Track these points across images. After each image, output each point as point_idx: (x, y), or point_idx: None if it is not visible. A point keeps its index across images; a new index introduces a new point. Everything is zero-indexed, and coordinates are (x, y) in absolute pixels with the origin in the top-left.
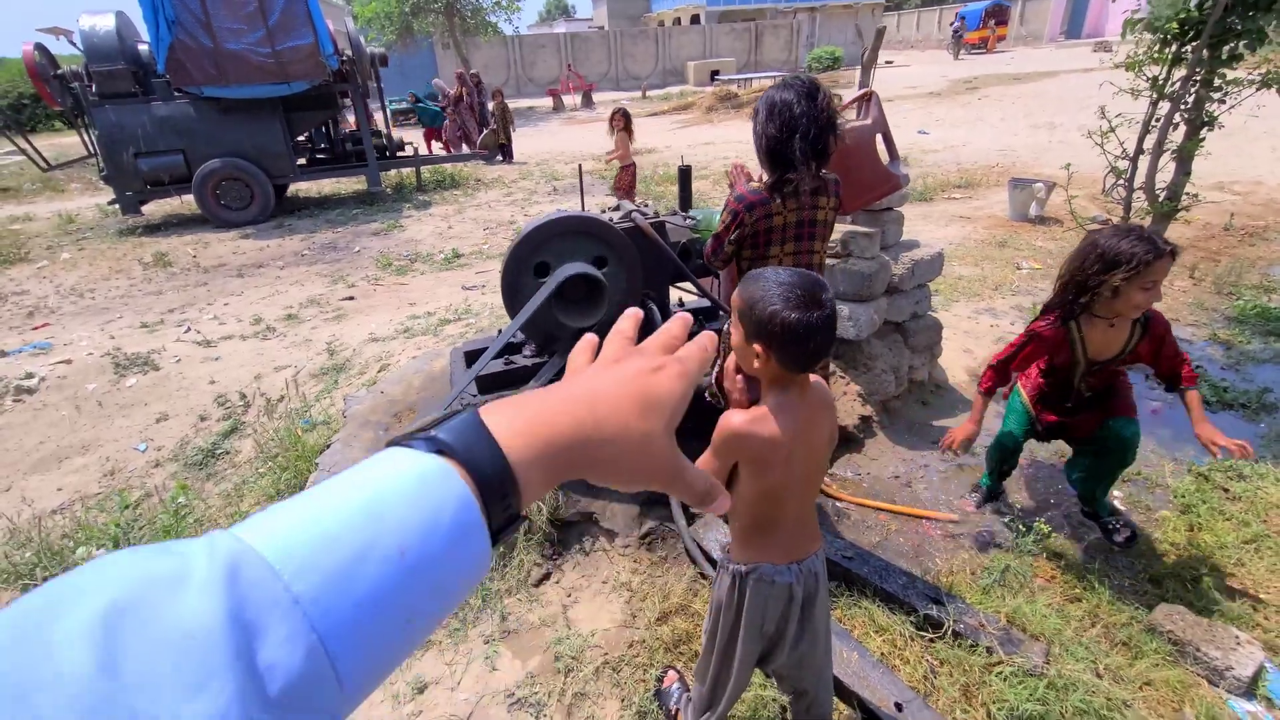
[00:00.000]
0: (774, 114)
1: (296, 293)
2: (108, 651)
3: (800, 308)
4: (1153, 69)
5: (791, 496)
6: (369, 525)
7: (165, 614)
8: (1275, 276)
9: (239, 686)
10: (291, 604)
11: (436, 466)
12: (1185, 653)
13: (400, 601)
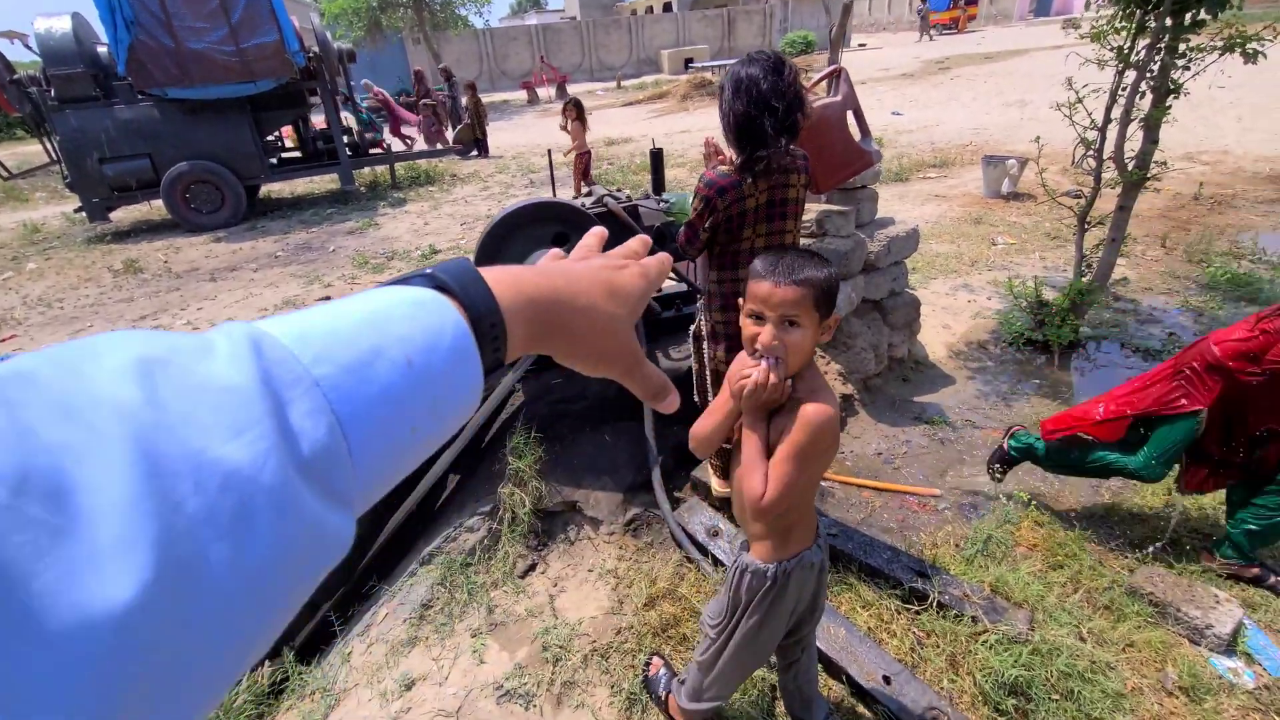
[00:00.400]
0: (740, 90)
1: (271, 295)
2: (150, 388)
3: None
4: (1117, 39)
5: None
6: (377, 332)
7: (198, 370)
8: (1243, 243)
9: (276, 438)
10: (313, 384)
11: (435, 296)
12: (1166, 614)
13: (407, 406)
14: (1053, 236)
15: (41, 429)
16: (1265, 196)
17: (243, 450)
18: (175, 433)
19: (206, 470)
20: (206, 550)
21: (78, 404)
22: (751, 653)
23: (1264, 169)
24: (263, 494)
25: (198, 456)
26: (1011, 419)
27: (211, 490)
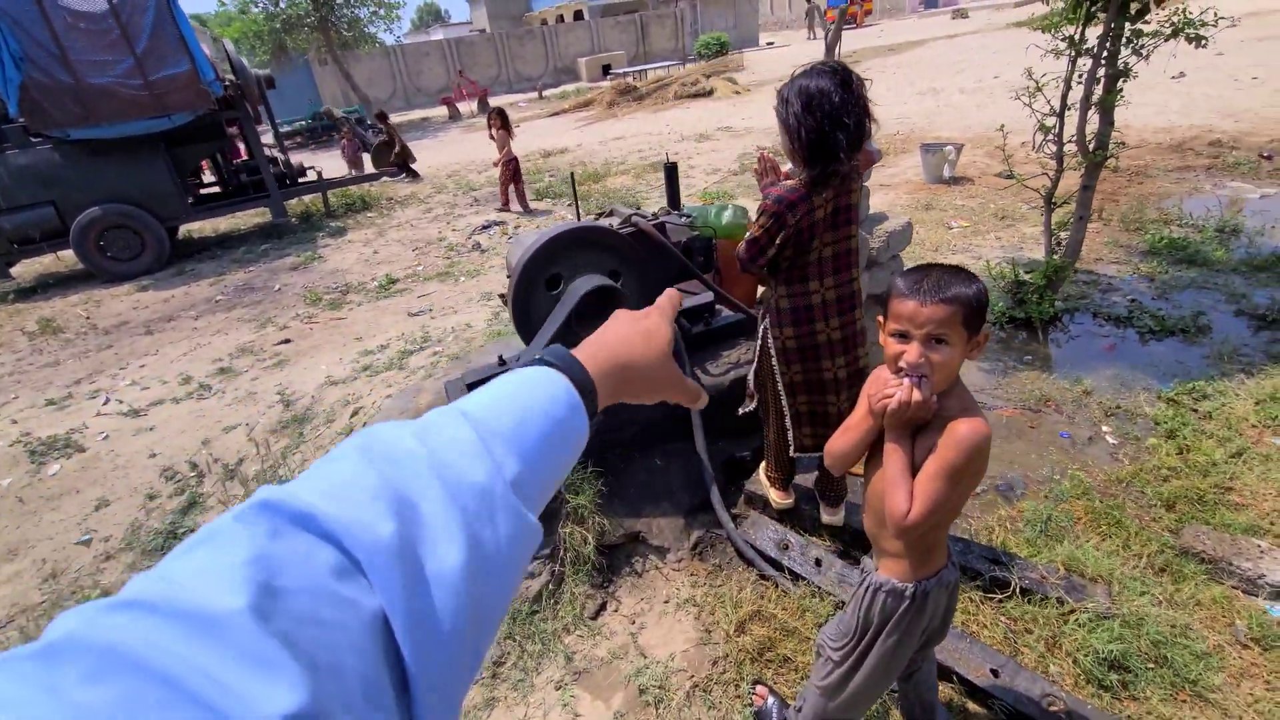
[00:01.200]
0: (812, 105)
1: (222, 343)
2: (428, 447)
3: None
4: (1069, 29)
5: None
6: (525, 398)
7: (442, 434)
8: (1169, 210)
9: (494, 468)
10: (500, 435)
11: (548, 370)
12: (1220, 568)
13: (552, 444)
14: (1001, 217)
15: (390, 471)
16: (1172, 164)
17: (483, 475)
18: (449, 468)
19: (471, 486)
20: (482, 533)
21: (400, 456)
22: (885, 673)
23: (1164, 139)
24: (499, 499)
25: (464, 478)
26: (1014, 395)
27: (476, 497)
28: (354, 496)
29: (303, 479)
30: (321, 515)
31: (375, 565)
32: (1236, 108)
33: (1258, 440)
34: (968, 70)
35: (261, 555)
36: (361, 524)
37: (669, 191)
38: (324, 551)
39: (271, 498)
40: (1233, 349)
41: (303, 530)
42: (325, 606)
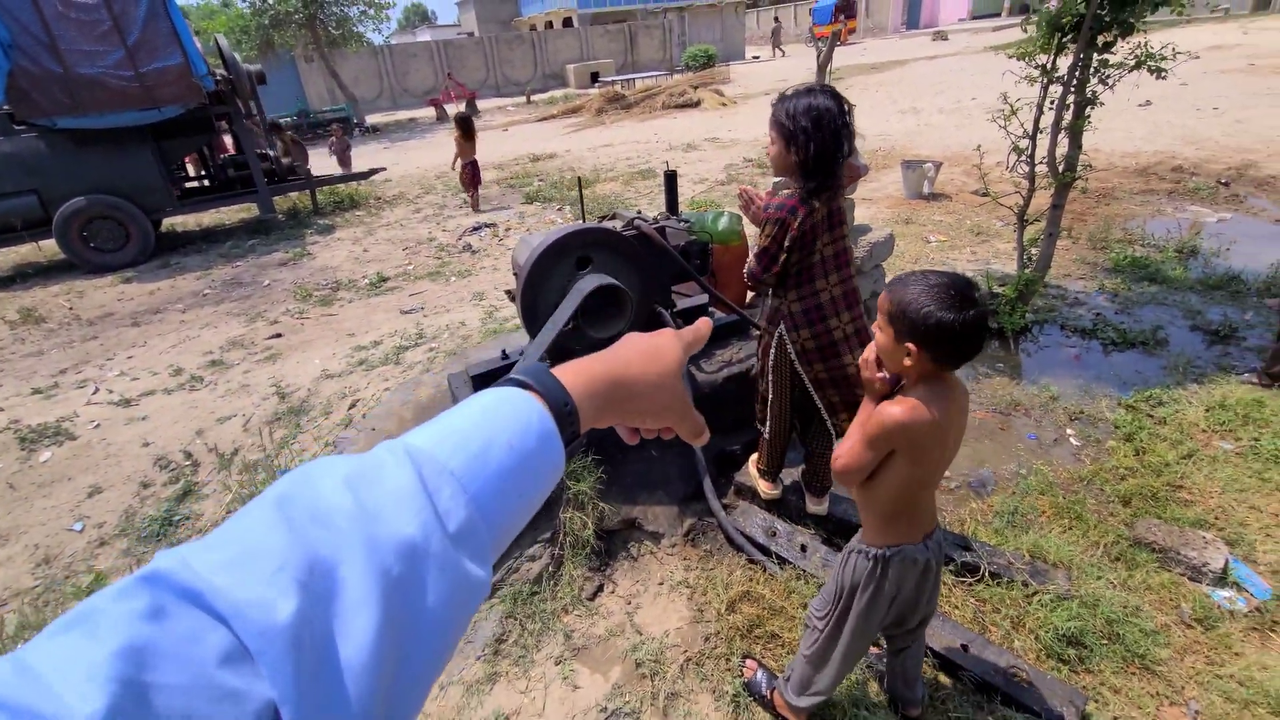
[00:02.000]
0: (821, 122)
1: (211, 336)
2: (356, 497)
3: (954, 308)
4: (1041, 58)
5: (933, 482)
6: (487, 428)
7: (379, 479)
8: (1133, 230)
9: (434, 519)
10: (450, 474)
11: (522, 394)
12: (1169, 557)
13: (515, 479)
14: (976, 233)
15: (308, 530)
16: (1136, 187)
17: (417, 529)
18: (378, 523)
19: (401, 545)
20: (405, 599)
21: (323, 511)
22: (860, 635)
23: (1130, 163)
24: (432, 558)
25: (394, 537)
26: (986, 399)
27: (403, 558)
28: (256, 567)
29: (209, 539)
30: (210, 592)
31: (266, 653)
32: (1198, 136)
33: (1206, 444)
34: (947, 91)
35: (134, 644)
36: (256, 603)
37: (668, 197)
38: (213, 634)
39: (159, 570)
40: (1187, 361)
41: (192, 607)
42: (203, 703)
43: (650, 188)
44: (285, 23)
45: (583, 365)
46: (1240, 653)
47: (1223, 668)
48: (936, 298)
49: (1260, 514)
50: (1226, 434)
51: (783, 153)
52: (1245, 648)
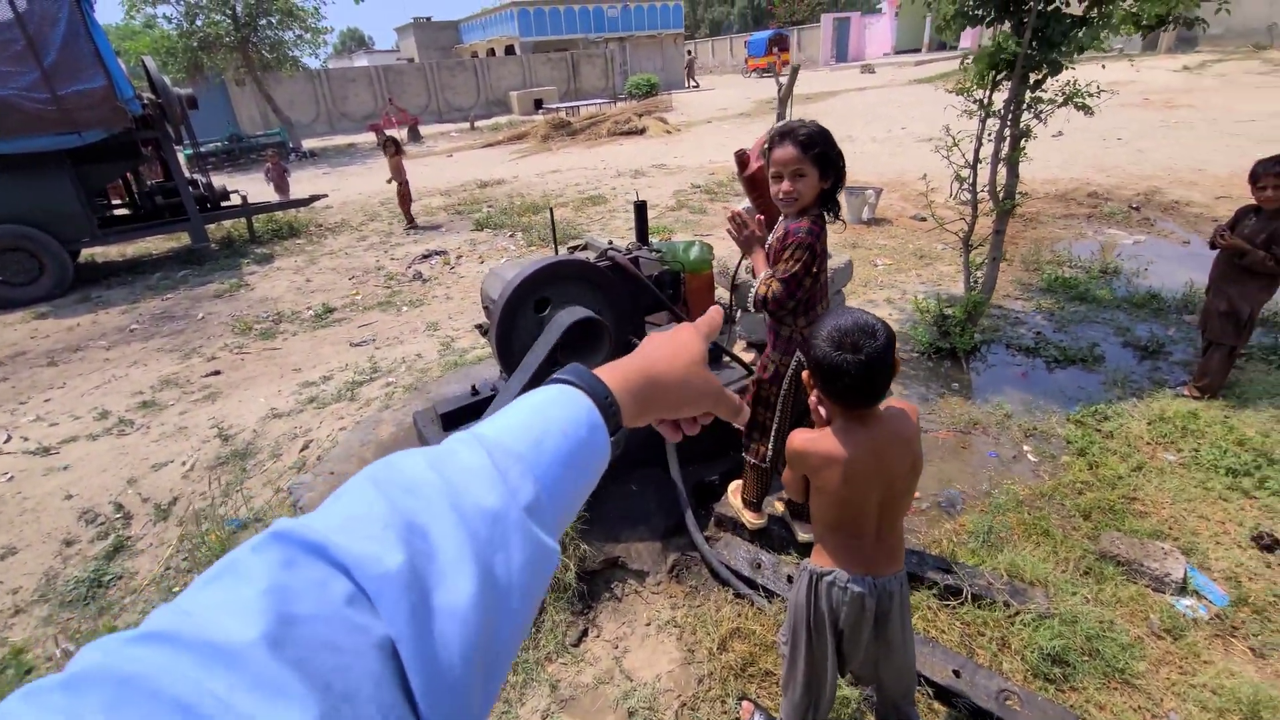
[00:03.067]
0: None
1: (140, 375)
2: (440, 474)
3: (839, 349)
4: (978, 93)
5: (866, 516)
6: (544, 419)
7: (457, 461)
8: (1061, 252)
9: (508, 493)
10: (518, 456)
11: (568, 389)
12: (1133, 570)
13: (571, 464)
14: (920, 256)
15: (402, 500)
16: (1059, 212)
17: (497, 501)
18: (462, 495)
19: (484, 513)
20: (493, 560)
21: (413, 484)
22: (812, 654)
23: (1050, 189)
24: (513, 524)
25: (478, 505)
26: (946, 419)
27: (489, 523)
28: (365, 528)
29: (319, 512)
30: (332, 546)
31: (383, 596)
32: (1107, 164)
33: (1152, 456)
34: (878, 121)
35: (276, 585)
36: (370, 555)
37: (638, 227)
38: (337, 581)
39: (285, 529)
40: (1124, 376)
41: (317, 559)
42: (339, 633)
43: (601, 214)
44: (215, 45)
45: (617, 366)
46: (1209, 660)
47: (1195, 677)
48: (831, 337)
49: (1209, 522)
50: (1169, 445)
51: (817, 182)
52: (1212, 655)
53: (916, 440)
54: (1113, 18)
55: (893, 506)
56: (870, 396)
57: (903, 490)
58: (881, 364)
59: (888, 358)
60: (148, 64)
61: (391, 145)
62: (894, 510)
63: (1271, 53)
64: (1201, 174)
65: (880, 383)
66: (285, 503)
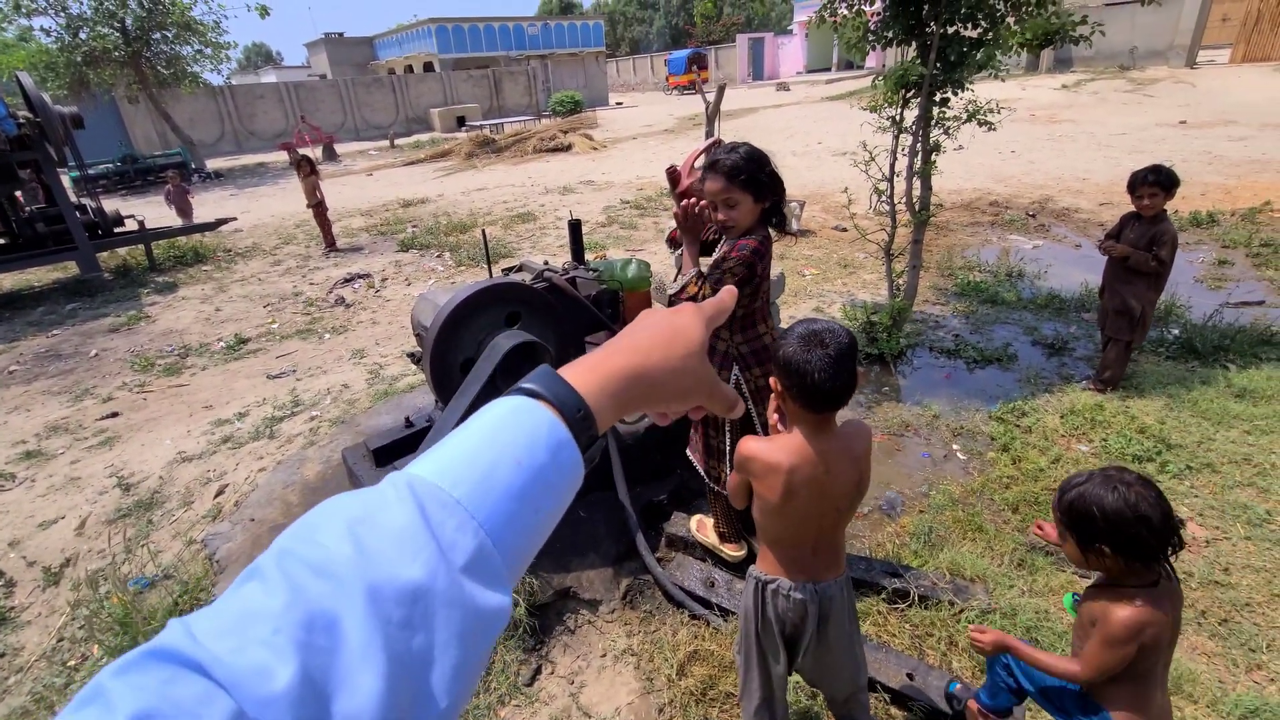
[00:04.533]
0: (772, 165)
1: (23, 422)
2: (359, 543)
3: (807, 346)
4: (890, 111)
5: (806, 525)
6: (492, 448)
7: (382, 519)
8: (970, 258)
9: (439, 556)
10: (455, 504)
11: (528, 403)
12: (1059, 558)
13: (527, 498)
14: (844, 265)
15: (308, 585)
16: (965, 220)
17: (420, 570)
18: (380, 569)
19: (403, 591)
20: (411, 643)
21: (323, 564)
22: (763, 657)
23: (955, 199)
24: (438, 597)
25: (395, 581)
26: (880, 422)
27: (406, 602)
28: (254, 631)
29: (215, 605)
30: (210, 663)
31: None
32: (1004, 174)
33: (1068, 448)
34: (796, 136)
35: (145, 711)
36: (256, 670)
37: (573, 246)
38: (218, 701)
39: (161, 646)
40: (1036, 373)
41: (197, 676)
42: None
43: (531, 231)
44: (102, 60)
45: (598, 361)
46: None
47: None
48: (801, 339)
49: None
50: (1081, 437)
51: (752, 207)
52: None
53: (866, 459)
54: (1004, 38)
55: (832, 519)
56: (834, 398)
57: (844, 508)
58: (848, 361)
59: (853, 357)
60: (23, 80)
61: (305, 165)
62: (833, 522)
63: (1134, 73)
64: (1086, 182)
65: (844, 384)
66: (199, 556)
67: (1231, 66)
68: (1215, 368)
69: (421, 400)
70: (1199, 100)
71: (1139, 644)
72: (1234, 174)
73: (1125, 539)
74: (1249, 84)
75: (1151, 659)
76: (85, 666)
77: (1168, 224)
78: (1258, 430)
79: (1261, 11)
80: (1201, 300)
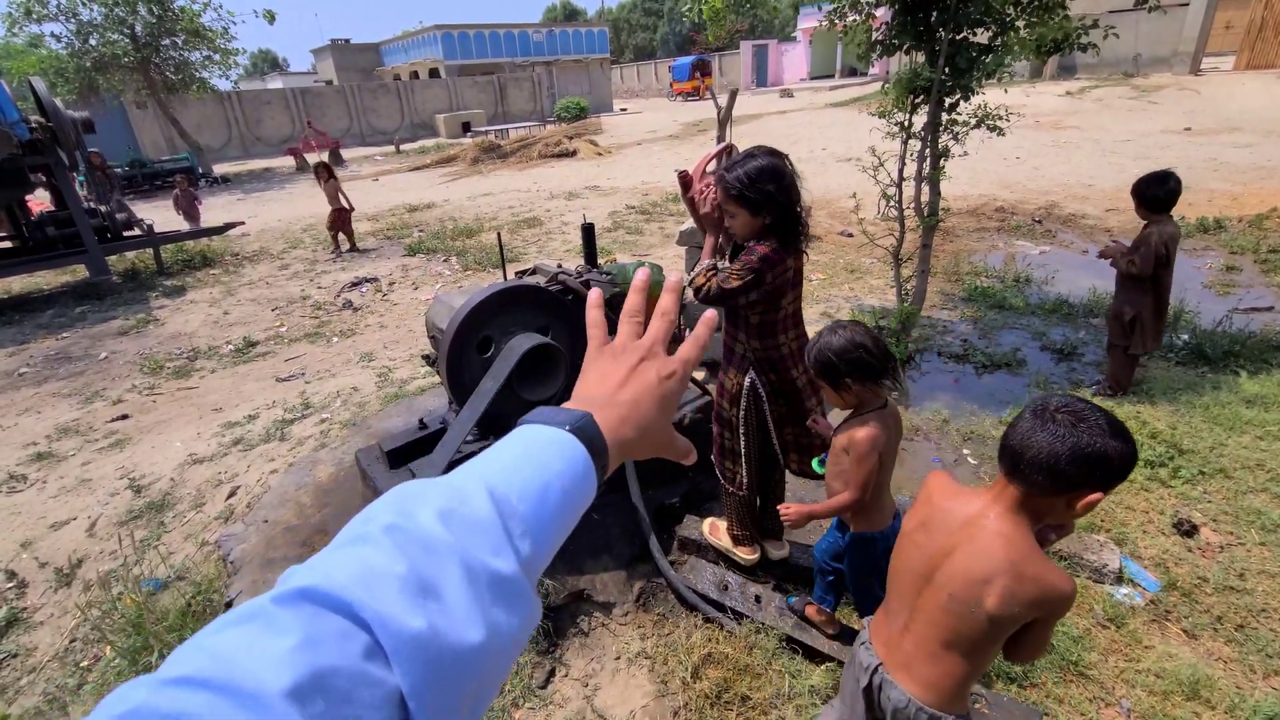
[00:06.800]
0: (781, 179)
1: (34, 424)
2: (451, 528)
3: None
4: (899, 116)
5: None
6: (544, 471)
7: (467, 511)
8: (977, 263)
9: (512, 555)
10: (521, 516)
11: (567, 437)
12: (1074, 563)
13: (563, 518)
14: (851, 271)
15: (419, 558)
16: (971, 226)
17: (504, 564)
18: (470, 553)
19: (492, 576)
20: (497, 620)
21: (429, 542)
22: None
23: (962, 205)
24: (512, 585)
25: (486, 567)
26: None
27: (494, 586)
28: (385, 587)
29: (334, 560)
30: (357, 604)
31: (400, 654)
32: (1009, 180)
33: None
34: (800, 142)
35: (307, 639)
36: (392, 616)
37: (586, 250)
38: (357, 636)
39: (310, 585)
40: (1045, 378)
41: (339, 614)
42: (358, 686)
43: (537, 236)
44: (112, 66)
45: (612, 416)
46: (1149, 645)
47: (1140, 663)
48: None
49: (1135, 513)
50: None
51: (750, 220)
52: (1152, 639)
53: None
54: (1013, 44)
55: (927, 597)
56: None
57: (939, 586)
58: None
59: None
60: (35, 85)
61: (323, 170)
62: (927, 605)
63: (1138, 80)
64: (1091, 189)
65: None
66: (212, 557)
67: (1235, 74)
68: (1226, 373)
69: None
70: (1203, 107)
71: (878, 453)
72: (1240, 181)
73: (856, 365)
74: (1253, 91)
75: (883, 472)
76: (97, 667)
77: (1153, 229)
78: (1270, 436)
79: (1265, 19)
80: (1211, 306)
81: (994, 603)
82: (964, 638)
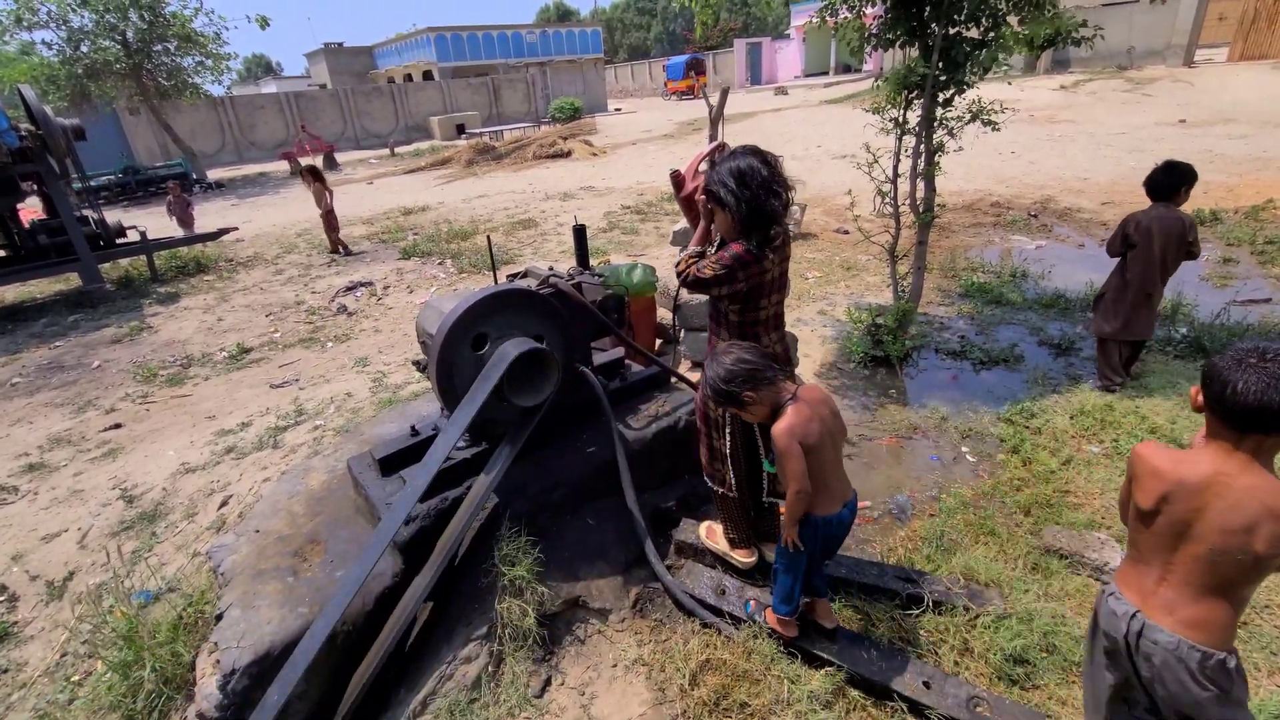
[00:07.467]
0: (746, 179)
1: (26, 434)
2: None
3: (1237, 360)
4: (893, 112)
5: (1157, 552)
6: None
7: None
8: (974, 259)
9: None
10: None
11: None
12: (1076, 561)
13: None
14: (847, 268)
15: None
16: (967, 222)
17: None
18: None
19: None
20: None
21: None
22: (1091, 678)
23: (957, 200)
24: None
25: None
26: (888, 425)
27: None
28: None
29: None
30: None
31: None
32: (1005, 175)
33: (1078, 449)
34: (795, 140)
35: None
36: None
37: (578, 252)
38: None
39: None
40: (1043, 374)
41: None
42: None
43: (532, 237)
44: (104, 73)
45: None
46: None
47: None
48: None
49: None
50: (1091, 438)
51: (726, 219)
52: None
53: (1268, 519)
54: (1007, 39)
55: (1196, 565)
56: (1257, 416)
57: (1219, 558)
58: None
59: None
60: (25, 93)
61: (308, 174)
62: (1198, 571)
63: (1131, 72)
64: (1087, 183)
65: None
66: (203, 569)
67: (1229, 65)
68: None
69: (426, 409)
70: (1197, 99)
71: (799, 442)
72: (1235, 172)
73: (745, 378)
74: (1247, 82)
75: (816, 456)
76: (89, 682)
77: (1137, 213)
78: None
79: (1259, 10)
80: (1208, 298)
81: (1264, 546)
82: (1230, 581)
